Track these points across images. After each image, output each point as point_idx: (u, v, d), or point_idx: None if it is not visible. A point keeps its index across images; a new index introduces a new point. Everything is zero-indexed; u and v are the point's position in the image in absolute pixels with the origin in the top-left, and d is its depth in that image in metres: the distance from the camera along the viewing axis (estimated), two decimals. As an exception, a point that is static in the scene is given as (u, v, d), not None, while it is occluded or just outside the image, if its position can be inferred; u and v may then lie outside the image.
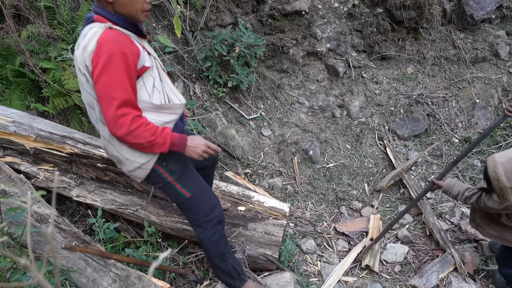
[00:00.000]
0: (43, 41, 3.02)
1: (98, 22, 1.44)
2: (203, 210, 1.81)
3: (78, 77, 1.47)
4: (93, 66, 1.37)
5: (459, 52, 4.09)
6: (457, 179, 3.51)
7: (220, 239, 1.92)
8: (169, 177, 1.67)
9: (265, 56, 3.65)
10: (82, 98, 1.57)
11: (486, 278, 2.76)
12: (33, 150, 2.65)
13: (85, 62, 1.39)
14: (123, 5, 1.47)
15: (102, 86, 1.37)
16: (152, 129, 1.47)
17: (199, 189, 1.77)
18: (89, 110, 1.57)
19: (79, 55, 1.42)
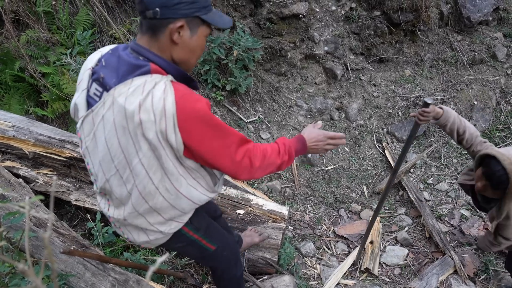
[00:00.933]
0: (42, 45, 3.03)
1: (156, 74, 1.16)
2: (227, 257, 1.73)
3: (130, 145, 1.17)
4: (186, 133, 1.13)
5: (457, 54, 4.10)
6: (456, 181, 3.52)
7: (240, 276, 1.89)
8: (194, 235, 1.50)
9: (263, 60, 3.66)
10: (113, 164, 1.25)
11: (486, 281, 2.76)
12: (32, 155, 2.65)
13: (163, 128, 1.12)
14: (189, 51, 1.24)
15: (216, 147, 1.19)
16: (274, 151, 1.34)
17: (221, 237, 1.66)
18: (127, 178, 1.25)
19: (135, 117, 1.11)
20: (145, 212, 1.31)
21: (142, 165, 1.18)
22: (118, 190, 1.29)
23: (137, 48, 1.20)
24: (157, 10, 1.13)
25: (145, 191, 1.24)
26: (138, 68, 1.16)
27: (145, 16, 1.16)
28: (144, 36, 1.21)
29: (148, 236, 1.39)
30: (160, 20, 1.15)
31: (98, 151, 1.27)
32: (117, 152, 1.20)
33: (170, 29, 1.17)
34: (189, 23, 1.19)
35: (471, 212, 3.27)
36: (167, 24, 1.16)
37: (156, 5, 1.13)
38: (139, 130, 1.13)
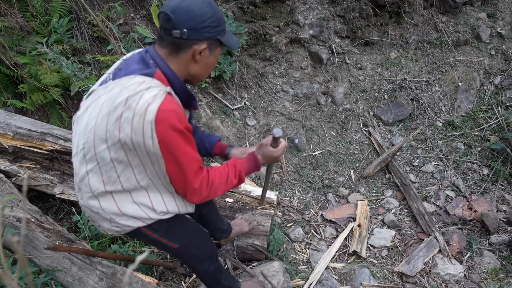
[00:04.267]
0: (16, 34, 2.91)
1: (155, 79, 1.23)
2: (194, 254, 1.74)
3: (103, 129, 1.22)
4: (160, 148, 1.20)
5: (442, 35, 4.10)
6: (441, 162, 3.57)
7: (215, 271, 1.87)
8: (153, 235, 1.53)
9: (247, 45, 3.60)
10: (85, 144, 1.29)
11: (471, 259, 2.83)
12: (12, 149, 2.57)
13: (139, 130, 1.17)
14: (205, 68, 1.35)
15: (176, 168, 1.26)
16: (223, 177, 1.39)
17: (188, 237, 1.67)
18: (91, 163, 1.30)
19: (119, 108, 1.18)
20: (99, 195, 1.35)
21: (109, 152, 1.24)
22: (77, 167, 1.35)
23: (153, 54, 1.28)
24: (184, 31, 1.21)
25: (106, 174, 1.29)
26: (145, 69, 1.25)
27: (169, 34, 1.23)
28: (163, 49, 1.28)
29: (110, 224, 1.42)
30: (186, 40, 1.23)
31: (81, 124, 1.32)
32: (90, 132, 1.25)
33: (194, 49, 1.26)
34: (210, 44, 1.28)
35: (455, 192, 3.33)
36: (192, 44, 1.25)
37: (185, 26, 1.21)
38: (117, 123, 1.18)
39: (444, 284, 2.64)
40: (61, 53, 2.87)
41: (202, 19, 1.22)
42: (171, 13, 1.20)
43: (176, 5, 1.21)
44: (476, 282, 2.68)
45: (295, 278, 2.59)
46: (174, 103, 1.22)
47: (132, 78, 1.22)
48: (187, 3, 1.21)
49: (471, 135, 3.72)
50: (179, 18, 1.20)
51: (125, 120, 1.17)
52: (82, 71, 2.87)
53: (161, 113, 1.16)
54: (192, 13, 1.21)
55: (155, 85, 1.21)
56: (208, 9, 1.23)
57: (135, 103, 1.16)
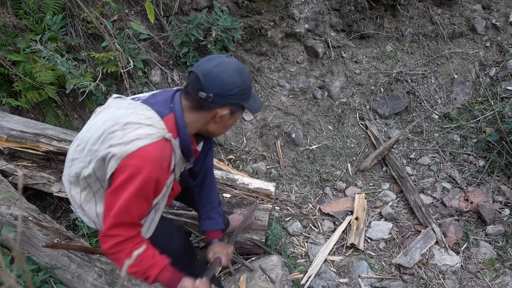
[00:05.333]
0: (10, 32, 2.89)
1: (162, 122, 1.27)
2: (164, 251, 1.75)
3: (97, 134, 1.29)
4: (117, 171, 1.22)
5: (437, 28, 4.10)
6: (437, 154, 3.58)
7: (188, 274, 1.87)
8: None
9: (243, 40, 3.59)
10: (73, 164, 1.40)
11: (468, 249, 2.85)
12: (7, 150, 2.57)
13: (113, 150, 1.21)
14: (223, 128, 1.41)
15: (112, 199, 1.24)
16: (136, 260, 1.32)
17: (154, 239, 1.59)
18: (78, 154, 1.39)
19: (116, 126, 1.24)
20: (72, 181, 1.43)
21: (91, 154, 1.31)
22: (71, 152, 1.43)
23: (176, 100, 1.33)
24: (211, 95, 1.26)
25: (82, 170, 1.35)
26: (161, 108, 1.30)
27: (196, 93, 1.28)
28: (187, 101, 1.33)
29: (74, 209, 1.50)
30: (210, 102, 1.28)
31: (95, 120, 1.38)
32: (91, 130, 1.33)
33: (216, 112, 1.31)
34: (233, 109, 1.34)
35: (452, 184, 3.35)
36: (215, 107, 1.30)
37: (212, 91, 1.26)
38: (108, 136, 1.25)
39: (441, 275, 2.67)
40: (55, 50, 2.86)
41: (230, 88, 1.27)
42: (202, 76, 1.25)
43: (209, 70, 1.26)
44: (472, 272, 2.71)
45: (293, 271, 2.61)
46: (163, 150, 1.23)
47: (146, 109, 1.29)
48: (219, 69, 1.26)
49: (467, 127, 3.73)
50: (209, 83, 1.25)
51: (113, 137, 1.23)
52: (77, 68, 2.85)
53: (142, 151, 1.19)
54: (222, 81, 1.26)
55: (157, 126, 1.25)
56: (238, 79, 1.29)
57: (130, 130, 1.21)
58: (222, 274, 2.44)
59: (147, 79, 3.24)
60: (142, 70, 3.16)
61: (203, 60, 1.32)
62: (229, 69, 1.27)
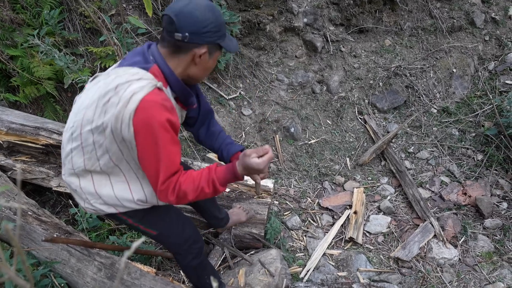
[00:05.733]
0: (7, 27, 2.87)
1: (149, 73, 1.27)
2: (174, 243, 1.74)
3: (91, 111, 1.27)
4: (135, 131, 1.22)
5: (436, 22, 4.09)
6: (436, 149, 3.59)
7: (197, 266, 1.86)
8: (129, 219, 1.56)
9: (241, 34, 3.58)
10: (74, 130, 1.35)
11: (466, 243, 2.87)
12: (7, 144, 2.56)
13: (119, 116, 1.21)
14: (204, 70, 1.38)
15: (148, 159, 1.27)
16: (193, 183, 1.34)
17: (167, 225, 1.67)
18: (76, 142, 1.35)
19: (109, 94, 1.23)
20: (79, 173, 1.40)
21: (92, 133, 1.28)
22: (65, 143, 1.41)
23: (154, 50, 1.32)
24: (186, 35, 1.25)
25: (87, 155, 1.34)
26: (143, 63, 1.30)
27: (171, 36, 1.27)
28: (164, 48, 1.32)
29: (85, 203, 1.46)
30: (187, 43, 1.27)
31: (77, 104, 1.37)
32: (81, 112, 1.31)
33: (194, 52, 1.30)
34: (210, 48, 1.32)
35: (450, 178, 3.36)
36: (193, 47, 1.29)
37: (187, 30, 1.25)
38: (104, 107, 1.24)
39: (439, 268, 2.68)
40: (53, 45, 2.84)
41: (204, 24, 1.26)
42: (175, 16, 1.24)
43: (180, 9, 1.25)
44: (470, 265, 2.73)
45: (292, 265, 2.62)
46: (160, 95, 1.24)
47: (128, 69, 1.28)
48: (190, 7, 1.25)
49: (465, 121, 3.74)
50: (182, 22, 1.24)
51: (111, 105, 1.22)
52: (75, 63, 2.84)
53: (144, 102, 1.19)
54: (195, 18, 1.24)
55: (146, 78, 1.25)
56: (210, 15, 1.27)
57: (123, 91, 1.20)
58: (221, 268, 2.45)
59: (146, 73, 3.22)
60: (140, 64, 3.14)
61: (174, 1, 1.32)
62: (200, 6, 1.26)
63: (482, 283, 2.61)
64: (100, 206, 1.45)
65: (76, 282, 1.99)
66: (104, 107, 1.23)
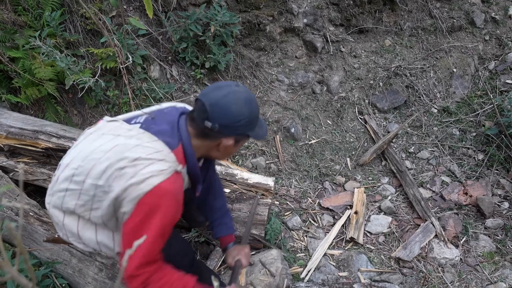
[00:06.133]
0: (8, 28, 2.89)
1: (172, 154, 1.23)
2: None
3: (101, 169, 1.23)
4: (135, 210, 1.18)
5: (436, 21, 4.09)
6: (437, 148, 3.59)
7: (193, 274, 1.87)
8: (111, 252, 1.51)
9: (241, 35, 3.59)
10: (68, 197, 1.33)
11: (467, 243, 2.87)
12: (7, 147, 2.57)
13: (128, 190, 1.18)
14: (226, 154, 1.38)
15: (132, 238, 1.20)
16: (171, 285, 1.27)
17: None
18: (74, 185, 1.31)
19: (125, 162, 1.19)
20: (66, 211, 1.36)
21: (95, 189, 1.25)
22: (61, 177, 1.34)
23: (183, 127, 1.29)
24: (216, 126, 1.23)
25: (81, 202, 1.31)
26: (169, 137, 1.26)
27: (202, 122, 1.25)
28: (192, 129, 1.30)
29: (62, 235, 1.42)
30: (216, 133, 1.26)
31: (87, 146, 1.31)
32: (90, 162, 1.26)
33: (220, 141, 1.29)
34: (237, 138, 1.32)
35: (451, 178, 3.36)
36: (221, 137, 1.28)
37: (218, 122, 1.23)
38: (115, 173, 1.20)
39: (440, 268, 2.68)
40: (54, 46, 2.86)
41: (238, 119, 1.24)
42: (209, 106, 1.22)
43: (216, 101, 1.22)
44: (472, 265, 2.73)
45: (293, 265, 2.62)
46: (176, 184, 1.22)
47: (153, 140, 1.24)
48: (227, 100, 1.22)
49: (466, 120, 3.73)
50: (215, 114, 1.22)
51: (123, 175, 1.18)
52: (76, 64, 2.86)
53: (158, 189, 1.17)
54: (230, 113, 1.22)
55: (169, 160, 1.22)
56: (246, 110, 1.25)
57: (141, 167, 1.17)
58: (222, 269, 2.45)
59: (146, 74, 3.24)
60: (141, 65, 3.16)
61: (212, 87, 1.28)
62: (238, 100, 1.23)
63: (484, 283, 2.61)
64: (78, 245, 1.42)
65: (78, 283, 1.99)
66: (116, 173, 1.20)
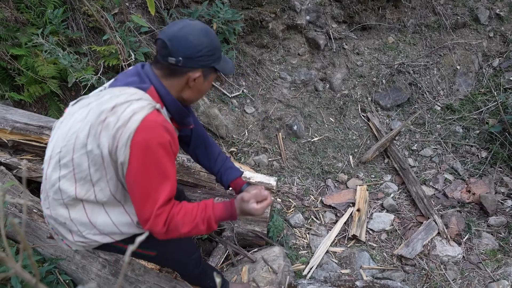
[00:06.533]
0: (11, 26, 2.89)
1: (147, 94, 1.24)
2: (173, 260, 1.69)
3: (84, 134, 1.20)
4: (131, 152, 1.15)
5: (440, 18, 4.07)
6: (440, 146, 3.58)
7: (199, 274, 1.84)
8: (125, 246, 1.43)
9: (244, 32, 3.58)
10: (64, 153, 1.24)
11: (470, 240, 2.86)
12: (11, 143, 2.58)
13: (116, 135, 1.15)
14: (198, 92, 1.36)
15: (140, 183, 1.18)
16: (188, 217, 1.26)
17: (166, 243, 1.49)
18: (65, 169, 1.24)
19: (104, 114, 1.17)
20: (69, 203, 1.28)
21: (87, 157, 1.20)
22: (49, 172, 1.28)
23: (149, 71, 1.29)
24: (180, 59, 1.23)
25: (80, 182, 1.24)
26: (139, 83, 1.27)
27: (165, 60, 1.25)
28: (158, 70, 1.30)
29: (75, 237, 1.33)
30: (181, 67, 1.25)
31: (62, 129, 1.28)
32: (72, 136, 1.22)
33: (188, 76, 1.28)
34: (205, 71, 1.30)
35: (454, 176, 3.35)
36: (187, 71, 1.27)
37: (181, 55, 1.23)
38: (99, 127, 1.18)
39: (442, 266, 2.68)
40: (57, 44, 2.86)
41: (198, 49, 1.24)
42: (168, 41, 1.22)
43: (174, 34, 1.23)
44: (474, 263, 2.72)
45: (295, 262, 2.63)
46: (161, 117, 1.21)
47: (125, 89, 1.24)
48: (184, 32, 1.23)
49: (469, 118, 3.72)
50: (176, 47, 1.22)
51: (106, 125, 1.16)
52: (79, 62, 2.86)
53: (145, 122, 1.16)
54: (189, 43, 1.23)
55: (146, 99, 1.22)
56: (205, 39, 1.25)
57: (122, 110, 1.16)
58: (224, 266, 2.46)
59: (149, 72, 3.24)
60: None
61: (168, 25, 1.29)
62: (195, 30, 1.24)
63: (486, 281, 2.60)
64: (93, 237, 1.33)
65: (81, 279, 2.00)
66: (99, 127, 1.17)
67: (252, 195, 1.33)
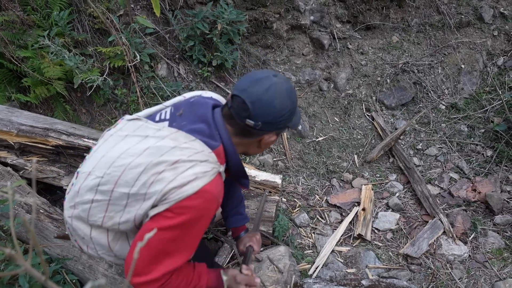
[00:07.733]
0: (17, 28, 2.92)
1: (213, 154, 1.14)
2: None
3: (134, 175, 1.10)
4: (170, 210, 1.07)
5: (444, 17, 4.06)
6: (445, 145, 3.57)
7: None
8: None
9: (248, 32, 3.59)
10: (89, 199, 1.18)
11: (476, 239, 2.85)
12: (18, 145, 2.60)
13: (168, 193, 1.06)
14: (263, 149, 1.31)
15: (162, 243, 1.08)
16: (186, 281, 1.19)
17: None
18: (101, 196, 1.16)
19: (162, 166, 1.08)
20: (93, 225, 1.23)
21: (127, 198, 1.13)
22: (83, 188, 1.20)
23: (220, 126, 1.19)
24: (259, 123, 1.15)
25: (110, 214, 1.17)
26: (208, 137, 1.16)
27: (242, 120, 1.17)
28: (231, 126, 1.21)
29: (89, 250, 1.29)
30: (258, 130, 1.19)
31: (111, 150, 1.19)
32: (119, 168, 1.13)
33: (262, 138, 1.23)
34: (279, 131, 1.25)
35: (459, 175, 3.34)
36: (263, 134, 1.22)
37: (261, 120, 1.15)
38: (152, 178, 1.08)
39: (448, 265, 2.67)
40: (62, 45, 2.88)
41: (281, 114, 1.16)
42: (251, 103, 1.13)
43: (258, 98, 1.13)
44: (480, 262, 2.71)
45: (301, 262, 2.63)
46: (220, 186, 1.14)
47: (191, 140, 1.13)
48: (270, 95, 1.13)
49: (474, 117, 3.71)
50: (258, 111, 1.13)
51: (162, 179, 1.07)
52: (85, 63, 2.88)
53: (203, 192, 1.08)
54: (273, 108, 1.14)
55: (211, 161, 1.12)
56: (288, 102, 1.17)
57: (183, 169, 1.07)
58: (230, 265, 2.47)
59: (154, 73, 3.26)
60: (148, 64, 3.18)
61: (248, 81, 1.16)
62: (281, 94, 1.14)
63: (492, 280, 2.59)
64: (108, 257, 1.30)
65: (88, 278, 2.02)
66: (152, 178, 1.08)
67: (245, 279, 1.30)
